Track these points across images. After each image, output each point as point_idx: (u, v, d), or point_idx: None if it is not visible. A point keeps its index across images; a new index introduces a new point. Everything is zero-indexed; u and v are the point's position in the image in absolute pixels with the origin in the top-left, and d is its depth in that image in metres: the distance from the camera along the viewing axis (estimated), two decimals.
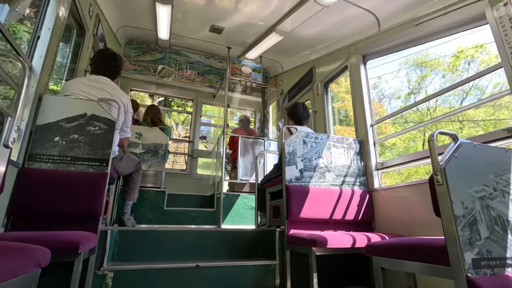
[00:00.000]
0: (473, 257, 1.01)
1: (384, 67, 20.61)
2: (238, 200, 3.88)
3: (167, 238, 2.26)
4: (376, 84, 16.63)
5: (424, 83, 14.93)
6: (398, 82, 17.65)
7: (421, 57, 14.76)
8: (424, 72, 14.74)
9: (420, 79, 14.93)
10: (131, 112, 2.32)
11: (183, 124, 14.95)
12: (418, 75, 15.10)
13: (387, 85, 18.39)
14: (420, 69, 14.95)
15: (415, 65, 14.99)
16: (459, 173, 1.12)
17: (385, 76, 17.84)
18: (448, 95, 13.24)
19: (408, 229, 2.20)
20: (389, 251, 1.32)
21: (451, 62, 13.04)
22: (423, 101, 6.07)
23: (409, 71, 15.49)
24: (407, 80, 15.80)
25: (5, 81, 1.65)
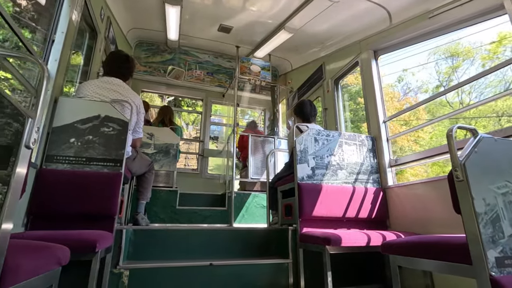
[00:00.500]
0: (497, 255, 0.98)
1: (411, 60, 19.06)
2: (249, 199, 3.89)
3: (181, 237, 2.28)
4: (401, 77, 15.53)
5: (455, 74, 13.72)
6: (426, 75, 16.40)
7: (452, 46, 13.56)
8: (456, 62, 13.52)
9: (451, 70, 13.75)
10: (143, 112, 2.34)
11: (193, 124, 15.08)
12: (449, 66, 13.88)
13: (414, 78, 17.27)
14: (452, 59, 13.71)
15: (446, 55, 13.72)
16: (480, 168, 1.08)
17: (411, 68, 16.43)
18: (484, 87, 12.08)
19: (424, 227, 2.15)
20: (407, 249, 1.29)
21: (491, 50, 11.81)
22: (438, 96, 5.92)
23: (439, 62, 14.27)
24: (437, 71, 14.62)
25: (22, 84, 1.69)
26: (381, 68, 2.98)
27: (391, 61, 14.72)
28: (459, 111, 7.13)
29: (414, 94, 15.41)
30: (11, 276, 0.60)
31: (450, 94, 13.46)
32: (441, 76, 14.36)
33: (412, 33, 2.63)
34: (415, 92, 15.46)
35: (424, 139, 12.26)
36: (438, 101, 13.24)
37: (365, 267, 2.38)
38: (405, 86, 15.89)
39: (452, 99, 13.39)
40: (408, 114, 12.09)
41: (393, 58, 13.94)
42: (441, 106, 12.62)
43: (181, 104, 11.22)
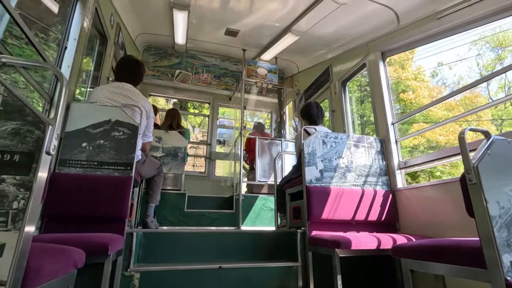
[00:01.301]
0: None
1: (448, 53, 17.39)
2: (257, 201, 3.89)
3: (190, 240, 2.30)
4: (436, 71, 14.17)
5: (499, 66, 12.17)
6: (465, 68, 14.64)
7: (498, 35, 12.16)
8: (502, 52, 12.04)
9: (494, 62, 12.25)
10: (153, 117, 2.38)
11: (200, 127, 15.15)
12: (492, 58, 12.35)
13: (451, 72, 15.35)
14: (497, 49, 12.24)
15: (490, 45, 12.25)
16: (493, 171, 1.07)
17: (449, 63, 14.71)
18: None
19: (434, 230, 2.13)
20: (418, 253, 1.28)
21: None
22: (449, 96, 5.81)
23: (481, 53, 12.80)
24: (477, 64, 13.12)
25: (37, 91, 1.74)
26: (418, 62, 2.93)
27: (428, 55, 13.81)
28: (472, 111, 6.98)
29: (449, 89, 13.90)
30: (33, 278, 0.61)
31: (494, 88, 12.40)
32: (483, 69, 13.00)
33: (420, 34, 2.61)
34: (451, 88, 13.94)
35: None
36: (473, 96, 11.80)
37: (376, 270, 2.36)
38: (440, 81, 14.50)
39: (495, 95, 12.10)
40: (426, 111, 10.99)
41: (429, 52, 12.97)
42: (464, 104, 11.31)
43: (187, 106, 11.29)
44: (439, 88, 13.33)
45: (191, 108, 11.80)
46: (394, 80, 11.56)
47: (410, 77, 11.29)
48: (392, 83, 11.43)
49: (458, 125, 9.95)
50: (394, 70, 10.02)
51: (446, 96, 7.62)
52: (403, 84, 11.44)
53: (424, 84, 11.92)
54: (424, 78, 12.46)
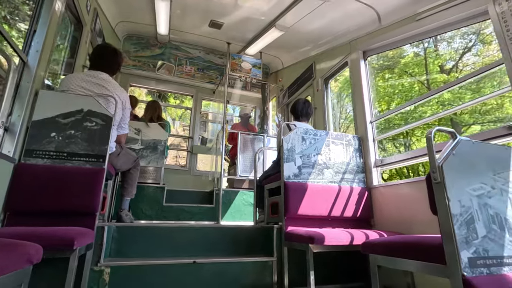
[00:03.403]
0: (470, 256, 1.00)
1: None
2: (237, 196, 3.89)
3: (165, 234, 2.26)
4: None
5: None
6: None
7: None
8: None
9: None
10: (129, 108, 2.30)
11: (180, 119, 14.87)
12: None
13: None
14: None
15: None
16: (457, 171, 1.10)
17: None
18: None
19: (408, 226, 2.19)
20: (386, 249, 1.31)
21: None
22: (428, 96, 5.98)
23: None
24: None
25: None
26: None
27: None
28: (449, 111, 7.22)
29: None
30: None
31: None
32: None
33: (400, 35, 2.66)
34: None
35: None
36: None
37: (349, 265, 2.41)
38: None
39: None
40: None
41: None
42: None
43: (167, 97, 11.00)
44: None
45: (171, 98, 11.50)
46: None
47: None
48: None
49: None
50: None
51: (424, 95, 7.79)
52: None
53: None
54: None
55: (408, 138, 10.74)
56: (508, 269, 1.05)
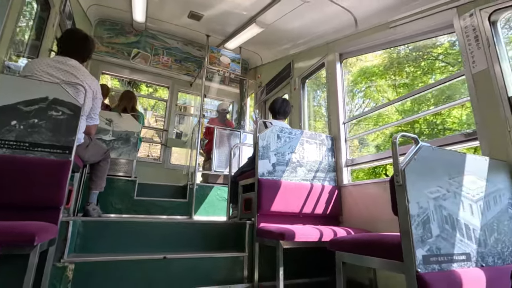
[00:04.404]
0: (424, 253, 1.08)
1: None
2: (212, 191, 3.87)
3: (135, 229, 2.21)
4: None
5: None
6: None
7: None
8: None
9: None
10: (100, 98, 2.20)
11: (153, 110, 14.37)
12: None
13: None
14: None
15: None
16: (417, 174, 1.18)
17: None
18: None
19: (373, 224, 2.31)
20: (351, 247, 1.38)
21: None
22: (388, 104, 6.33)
23: None
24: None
25: None
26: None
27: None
28: (411, 118, 7.68)
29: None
30: None
31: None
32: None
33: (375, 40, 2.76)
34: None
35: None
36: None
37: (317, 260, 2.50)
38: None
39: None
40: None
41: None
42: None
43: (138, 86, 10.49)
44: None
45: (142, 88, 11.01)
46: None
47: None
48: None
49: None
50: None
51: (392, 101, 8.22)
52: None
53: None
54: None
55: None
56: (456, 265, 1.15)
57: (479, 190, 1.36)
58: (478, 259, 1.22)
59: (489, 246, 1.28)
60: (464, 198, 1.28)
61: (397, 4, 2.39)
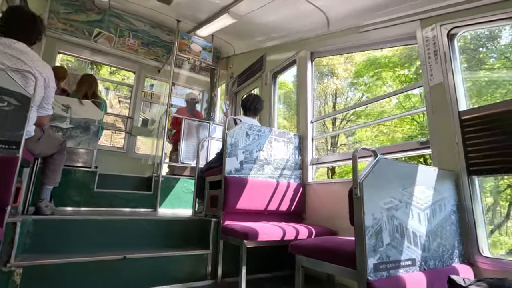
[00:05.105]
0: (375, 262, 1.16)
1: None
2: (178, 183, 3.80)
3: (92, 227, 2.11)
4: None
5: None
6: None
7: None
8: None
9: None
10: (53, 87, 2.01)
11: (116, 89, 13.47)
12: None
13: None
14: None
15: None
16: (374, 187, 1.24)
17: None
18: None
19: (335, 222, 2.41)
20: (309, 252, 1.44)
21: None
22: (351, 108, 6.65)
23: None
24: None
25: None
26: None
27: None
28: (373, 122, 8.13)
29: None
30: None
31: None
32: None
33: (345, 43, 2.81)
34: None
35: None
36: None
37: (280, 255, 2.58)
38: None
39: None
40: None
41: None
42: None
43: (95, 67, 9.71)
44: None
45: (101, 70, 10.25)
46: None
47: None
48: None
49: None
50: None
51: (358, 104, 8.60)
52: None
53: None
54: None
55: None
56: (403, 271, 1.26)
57: (427, 199, 1.48)
58: (422, 263, 1.34)
59: (432, 250, 1.41)
60: (413, 207, 1.39)
61: (368, 9, 2.45)
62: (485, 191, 5.70)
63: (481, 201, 1.66)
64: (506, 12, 1.65)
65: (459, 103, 1.79)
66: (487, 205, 5.67)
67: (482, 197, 1.72)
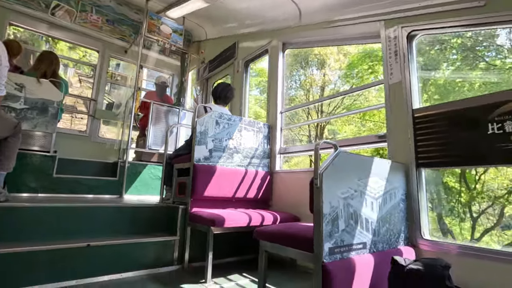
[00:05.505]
0: (330, 246, 1.28)
1: None
2: (145, 170, 3.73)
3: (53, 214, 2.03)
4: None
5: None
6: None
7: None
8: None
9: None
10: (6, 65, 1.87)
11: (75, 67, 12.48)
12: None
13: None
14: None
15: None
16: (333, 178, 1.35)
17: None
18: None
19: (299, 208, 2.54)
20: (272, 237, 1.53)
21: None
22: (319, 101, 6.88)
23: None
24: None
25: None
26: None
27: None
28: (328, 118, 8.46)
29: None
30: None
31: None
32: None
33: (316, 36, 2.88)
34: None
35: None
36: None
37: (246, 240, 2.68)
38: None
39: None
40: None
41: None
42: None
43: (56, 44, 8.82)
44: None
45: (59, 43, 9.33)
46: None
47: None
48: None
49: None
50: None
51: (323, 98, 8.87)
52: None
53: None
54: None
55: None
56: (354, 253, 1.39)
57: (380, 189, 1.62)
58: (371, 246, 1.50)
59: (381, 235, 1.57)
60: (367, 196, 1.52)
61: (338, 5, 2.52)
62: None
63: (425, 191, 1.86)
64: (458, 20, 1.80)
65: (413, 102, 1.96)
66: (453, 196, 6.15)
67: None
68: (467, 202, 5.84)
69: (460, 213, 5.87)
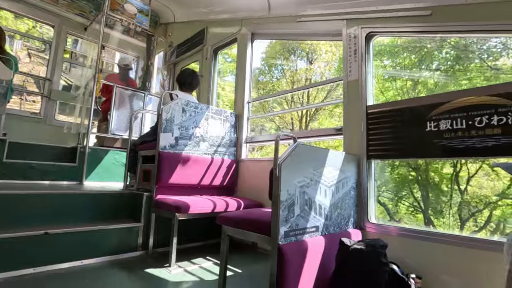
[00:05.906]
0: (286, 229, 1.40)
1: None
2: (108, 155, 3.61)
3: (5, 202, 1.94)
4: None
5: None
6: None
7: None
8: None
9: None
10: None
11: (24, 39, 11.19)
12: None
13: None
14: None
15: None
16: (291, 168, 1.46)
17: None
18: None
19: (262, 195, 2.68)
20: (234, 223, 1.63)
21: None
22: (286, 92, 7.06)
23: None
24: None
25: None
26: None
27: None
28: (299, 108, 8.66)
29: None
30: None
31: None
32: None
33: (284, 29, 2.95)
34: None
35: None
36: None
37: (210, 226, 2.77)
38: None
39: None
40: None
41: None
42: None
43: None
44: None
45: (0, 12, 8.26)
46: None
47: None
48: None
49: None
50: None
51: (288, 90, 9.10)
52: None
53: None
54: None
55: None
56: (308, 236, 1.54)
57: (334, 178, 1.79)
58: (323, 229, 1.66)
59: (333, 219, 1.75)
60: (322, 185, 1.67)
61: (305, 1, 2.60)
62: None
63: (374, 180, 2.07)
64: (410, 26, 1.98)
65: (368, 98, 2.13)
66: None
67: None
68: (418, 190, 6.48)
69: (409, 199, 6.52)
